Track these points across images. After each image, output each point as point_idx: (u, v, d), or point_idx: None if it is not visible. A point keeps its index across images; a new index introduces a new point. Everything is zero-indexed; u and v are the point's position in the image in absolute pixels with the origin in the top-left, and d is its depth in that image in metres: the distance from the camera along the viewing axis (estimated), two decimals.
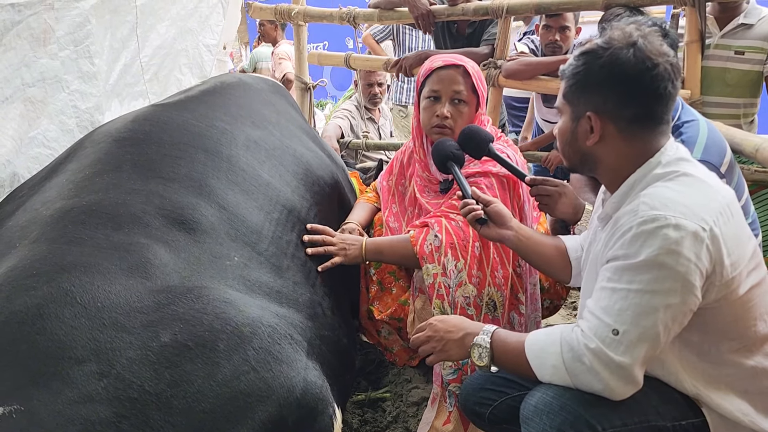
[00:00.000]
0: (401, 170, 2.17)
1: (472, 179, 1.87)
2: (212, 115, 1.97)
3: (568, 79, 1.35)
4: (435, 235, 1.80)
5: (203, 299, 1.32)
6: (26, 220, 1.51)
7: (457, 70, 1.92)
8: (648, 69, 1.25)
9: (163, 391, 1.15)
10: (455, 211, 1.83)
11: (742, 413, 1.26)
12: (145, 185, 1.58)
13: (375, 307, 1.99)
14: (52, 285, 1.24)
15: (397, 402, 2.04)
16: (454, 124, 1.91)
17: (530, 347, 1.28)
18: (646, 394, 1.23)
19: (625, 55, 1.26)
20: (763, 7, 2.78)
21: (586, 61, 1.31)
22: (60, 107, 2.14)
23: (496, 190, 1.87)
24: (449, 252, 1.78)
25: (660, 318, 1.16)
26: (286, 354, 1.33)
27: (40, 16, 1.88)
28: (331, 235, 1.91)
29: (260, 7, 3.66)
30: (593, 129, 1.32)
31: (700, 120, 1.93)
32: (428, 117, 1.94)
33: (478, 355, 1.34)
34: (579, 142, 1.35)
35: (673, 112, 1.92)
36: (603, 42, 1.30)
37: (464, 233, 1.80)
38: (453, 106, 1.92)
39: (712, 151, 1.83)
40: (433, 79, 1.94)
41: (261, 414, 1.22)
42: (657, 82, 1.25)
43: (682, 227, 1.16)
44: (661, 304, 1.16)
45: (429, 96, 1.94)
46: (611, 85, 1.28)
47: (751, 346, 1.28)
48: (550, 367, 1.23)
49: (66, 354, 1.15)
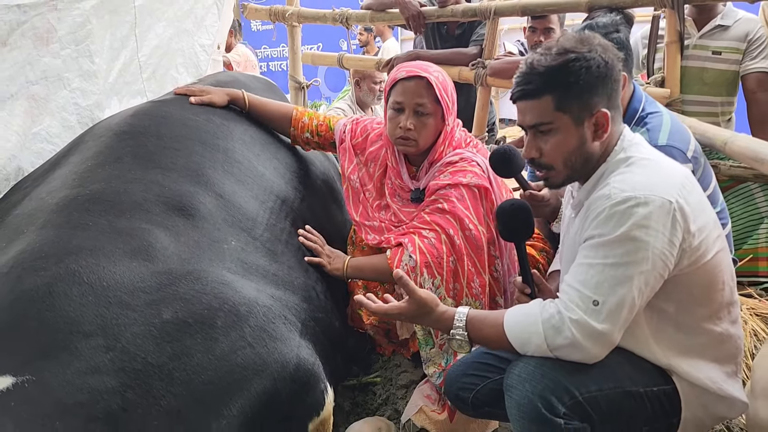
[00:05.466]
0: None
1: (443, 191, 1.89)
2: (208, 110, 2.06)
3: (563, 88, 1.37)
4: (410, 256, 1.83)
5: (202, 280, 1.40)
6: (32, 208, 1.59)
7: (420, 82, 1.89)
8: (617, 62, 1.40)
9: (165, 364, 1.24)
10: (427, 227, 1.87)
11: (710, 380, 1.37)
12: (145, 175, 1.67)
13: (363, 311, 2.04)
14: (61, 266, 1.32)
15: (387, 386, 2.12)
16: (418, 135, 1.91)
17: (510, 330, 1.36)
18: (620, 364, 1.34)
19: (602, 53, 1.38)
20: (739, 10, 2.90)
21: (581, 66, 1.36)
22: (62, 104, 2.21)
23: (467, 200, 1.89)
24: (425, 271, 1.82)
25: (635, 284, 1.27)
26: (280, 332, 1.42)
27: (44, 17, 1.96)
28: (322, 244, 2.01)
29: (255, 9, 3.76)
30: (600, 125, 1.39)
31: (663, 111, 2.04)
32: (392, 128, 1.94)
33: (458, 346, 1.43)
34: (587, 145, 1.41)
35: (637, 104, 2.02)
36: (574, 48, 1.38)
37: (437, 251, 1.84)
38: (416, 117, 1.90)
39: (676, 137, 1.94)
40: (397, 90, 1.93)
41: (256, 387, 1.31)
42: (620, 73, 1.41)
43: (651, 203, 1.27)
44: (635, 272, 1.27)
45: (393, 107, 1.94)
46: (606, 82, 1.39)
47: (719, 312, 1.39)
48: (532, 345, 1.32)
49: (74, 329, 1.24)
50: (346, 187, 2.15)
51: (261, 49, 9.37)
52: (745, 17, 2.87)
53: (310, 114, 2.24)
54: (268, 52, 9.76)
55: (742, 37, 2.82)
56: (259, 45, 9.15)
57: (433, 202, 1.91)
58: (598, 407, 1.29)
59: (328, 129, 2.20)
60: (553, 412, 1.26)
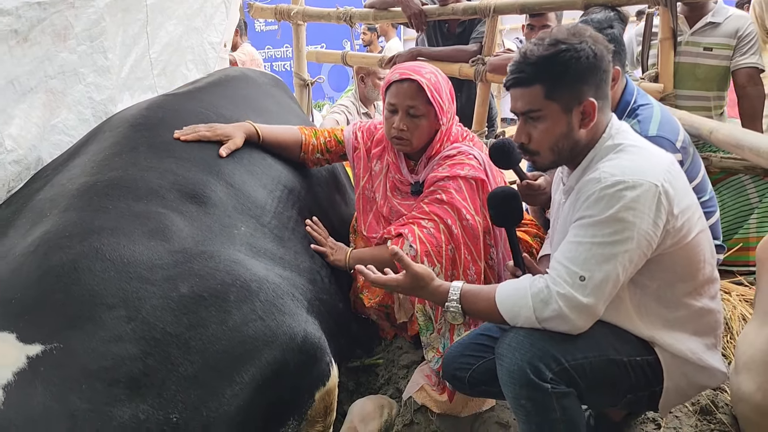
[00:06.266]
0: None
1: (441, 183, 1.98)
2: (218, 103, 2.16)
3: (553, 78, 1.44)
4: (410, 246, 1.91)
5: (216, 259, 1.50)
6: (54, 193, 1.69)
7: (411, 85, 1.95)
8: (606, 53, 1.48)
9: (182, 333, 1.33)
10: (426, 217, 1.95)
11: (690, 351, 1.46)
12: (159, 164, 1.77)
13: (364, 295, 2.13)
14: (84, 244, 1.42)
15: (389, 367, 2.21)
16: (411, 135, 1.99)
17: (502, 303, 1.45)
18: (604, 335, 1.43)
19: (592, 45, 1.46)
20: (729, 7, 3.00)
21: (571, 57, 1.44)
22: (77, 98, 2.30)
23: (465, 191, 1.97)
24: (425, 260, 1.90)
25: (619, 261, 1.36)
26: (288, 308, 1.52)
27: (62, 14, 2.06)
28: (325, 236, 2.10)
29: (261, 8, 3.86)
30: (587, 114, 1.48)
31: (654, 103, 2.14)
32: (388, 128, 2.02)
33: (452, 317, 1.52)
34: (574, 132, 1.49)
35: (629, 97, 2.12)
36: (566, 39, 1.46)
37: (436, 240, 1.93)
38: (409, 119, 1.97)
39: (666, 128, 2.03)
40: (392, 92, 2.00)
41: (267, 356, 1.40)
42: (609, 64, 1.49)
43: (639, 187, 1.36)
44: (620, 251, 1.36)
45: (388, 108, 2.02)
46: (595, 72, 1.47)
47: (699, 288, 1.48)
48: (522, 317, 1.41)
49: (98, 301, 1.33)
50: (358, 195, 2.22)
51: (265, 49, 9.47)
52: (735, 14, 2.97)
53: (315, 133, 2.26)
54: (272, 53, 9.86)
55: (733, 33, 2.91)
56: (262, 45, 9.25)
57: (432, 193, 1.99)
58: (584, 374, 1.38)
59: (336, 143, 2.26)
60: (540, 378, 1.35)
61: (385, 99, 2.05)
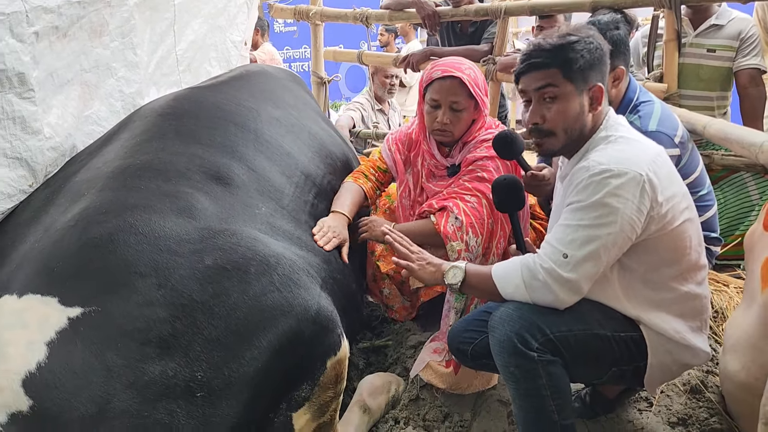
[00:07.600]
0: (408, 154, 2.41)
1: (480, 162, 2.15)
2: (240, 96, 2.30)
3: (568, 62, 1.56)
4: (456, 217, 2.08)
5: (237, 235, 1.63)
6: (90, 175, 1.83)
7: (453, 81, 2.10)
8: (607, 49, 1.63)
9: (207, 301, 1.46)
10: (469, 193, 2.12)
11: (675, 331, 1.56)
12: (186, 149, 1.90)
13: (381, 263, 2.30)
14: (120, 219, 1.56)
15: (397, 348, 2.33)
16: (453, 128, 2.17)
17: (496, 271, 1.61)
18: (590, 311, 1.55)
19: (599, 39, 1.62)
20: (733, 9, 3.08)
21: (582, 47, 1.57)
22: (109, 91, 2.45)
23: (503, 171, 2.14)
24: (470, 230, 2.07)
25: (602, 243, 1.47)
26: (303, 282, 1.64)
27: (99, 12, 2.21)
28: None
29: (281, 8, 4.01)
30: (596, 98, 1.61)
31: (655, 100, 2.24)
32: (430, 122, 2.19)
33: (453, 275, 1.66)
34: (584, 115, 1.61)
35: (632, 94, 2.23)
36: (575, 32, 1.60)
37: (479, 213, 2.09)
38: (452, 113, 2.14)
39: (665, 124, 2.14)
40: (434, 88, 2.15)
41: (283, 325, 1.52)
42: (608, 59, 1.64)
43: (624, 175, 1.47)
44: (603, 233, 1.47)
45: (430, 103, 2.17)
46: (601, 62, 1.61)
47: (685, 273, 1.59)
48: (512, 286, 1.54)
49: (132, 270, 1.46)
50: (397, 206, 2.39)
51: (283, 50, 9.62)
52: (738, 17, 3.05)
53: (364, 172, 2.38)
54: (290, 53, 10.02)
55: (735, 35, 3.00)
56: (281, 46, 9.40)
57: (472, 172, 2.16)
58: (568, 345, 1.50)
59: (383, 173, 2.41)
60: (527, 347, 1.47)
61: (425, 95, 2.19)
